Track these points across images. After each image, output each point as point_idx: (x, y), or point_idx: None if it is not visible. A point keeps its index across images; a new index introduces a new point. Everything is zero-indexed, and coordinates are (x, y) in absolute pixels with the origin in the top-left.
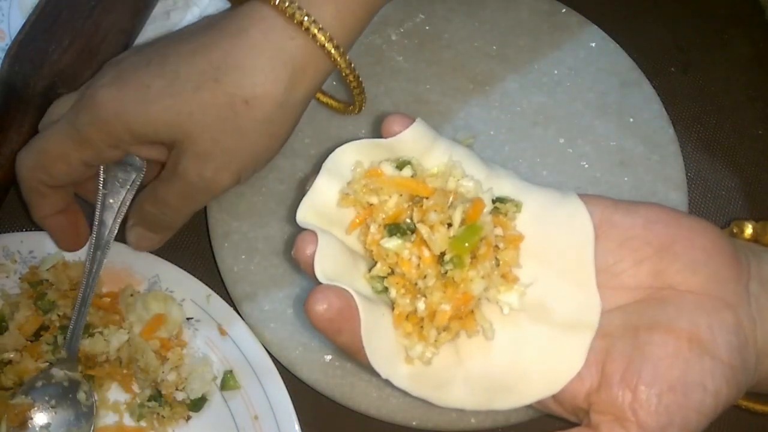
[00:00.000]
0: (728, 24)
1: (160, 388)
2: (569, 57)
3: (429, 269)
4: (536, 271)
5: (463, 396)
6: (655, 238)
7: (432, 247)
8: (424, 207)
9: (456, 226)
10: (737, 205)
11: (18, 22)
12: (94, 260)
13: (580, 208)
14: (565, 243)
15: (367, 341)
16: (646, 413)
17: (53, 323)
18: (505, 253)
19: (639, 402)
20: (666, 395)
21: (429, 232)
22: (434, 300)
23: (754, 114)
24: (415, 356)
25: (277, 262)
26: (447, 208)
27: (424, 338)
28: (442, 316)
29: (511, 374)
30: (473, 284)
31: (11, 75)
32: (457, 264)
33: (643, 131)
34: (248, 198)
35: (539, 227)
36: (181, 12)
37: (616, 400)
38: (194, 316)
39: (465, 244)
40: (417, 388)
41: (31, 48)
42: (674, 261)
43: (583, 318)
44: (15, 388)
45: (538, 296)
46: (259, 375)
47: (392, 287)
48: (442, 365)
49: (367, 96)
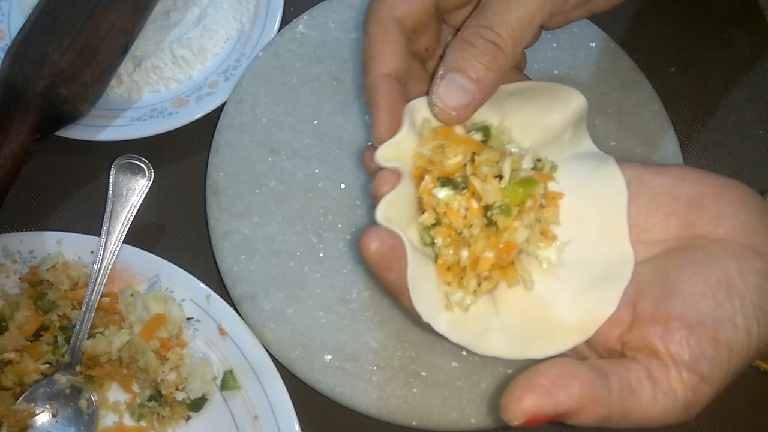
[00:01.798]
0: (728, 24)
1: (160, 388)
2: (569, 57)
3: (475, 219)
4: (573, 230)
5: (500, 344)
6: (683, 193)
7: (484, 197)
8: (476, 162)
9: (506, 179)
10: None
11: (18, 22)
12: (101, 268)
13: (616, 170)
14: (600, 204)
15: (413, 284)
16: (678, 346)
17: (53, 323)
18: (545, 211)
19: (670, 335)
20: (696, 328)
21: (481, 184)
22: (478, 248)
23: (754, 114)
24: (454, 302)
25: (277, 262)
26: (497, 162)
27: (464, 287)
28: (485, 263)
29: (546, 324)
30: (517, 233)
31: (11, 75)
32: (503, 211)
33: (643, 131)
34: (248, 198)
35: (576, 189)
36: (181, 12)
37: (648, 336)
38: (194, 316)
39: (519, 190)
40: (455, 335)
41: (31, 48)
42: (703, 213)
43: (617, 270)
44: (15, 388)
45: (575, 253)
46: (259, 375)
47: (438, 236)
48: (481, 314)
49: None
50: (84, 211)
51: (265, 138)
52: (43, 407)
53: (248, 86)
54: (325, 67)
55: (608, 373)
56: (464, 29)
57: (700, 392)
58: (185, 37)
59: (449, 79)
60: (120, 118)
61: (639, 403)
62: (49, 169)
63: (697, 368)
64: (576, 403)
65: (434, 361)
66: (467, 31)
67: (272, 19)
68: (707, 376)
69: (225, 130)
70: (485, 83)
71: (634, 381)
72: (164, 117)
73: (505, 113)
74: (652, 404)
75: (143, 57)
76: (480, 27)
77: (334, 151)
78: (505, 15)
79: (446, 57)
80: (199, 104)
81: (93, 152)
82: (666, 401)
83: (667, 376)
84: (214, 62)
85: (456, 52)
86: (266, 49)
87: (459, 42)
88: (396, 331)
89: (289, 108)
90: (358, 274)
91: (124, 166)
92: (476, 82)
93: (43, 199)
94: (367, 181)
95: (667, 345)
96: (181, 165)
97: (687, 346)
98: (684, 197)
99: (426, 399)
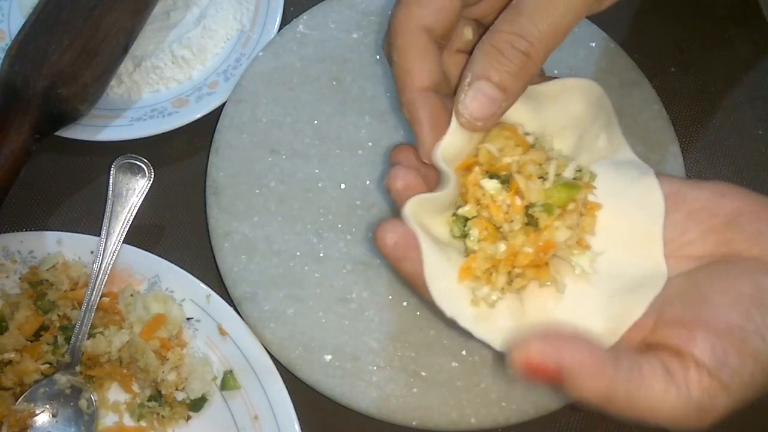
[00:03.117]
0: (728, 24)
1: (160, 388)
2: (569, 57)
3: (517, 215)
4: (607, 241)
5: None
6: (721, 209)
7: (527, 195)
8: (521, 161)
9: (550, 179)
10: None
11: (18, 22)
12: (101, 268)
13: (654, 183)
14: (637, 217)
15: (430, 278)
16: (701, 350)
17: (53, 323)
18: (582, 219)
19: (694, 339)
20: (723, 335)
21: (525, 182)
22: (517, 242)
23: (754, 114)
24: (480, 296)
25: (277, 262)
26: (541, 164)
27: (491, 282)
28: (524, 257)
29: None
30: (558, 232)
31: (11, 75)
32: (546, 209)
33: (643, 131)
34: (248, 198)
35: (613, 200)
36: (181, 12)
37: (672, 338)
38: (194, 316)
39: (563, 193)
40: (480, 331)
41: (31, 48)
42: (740, 231)
43: (648, 283)
44: (15, 388)
45: (607, 264)
46: (259, 375)
47: (475, 228)
48: (507, 312)
49: (368, 95)
50: (84, 211)
51: (265, 138)
52: (43, 407)
53: (248, 86)
54: (325, 67)
55: (621, 355)
56: (494, 34)
57: (718, 400)
58: (185, 37)
59: (477, 89)
60: (120, 118)
61: (647, 390)
62: (49, 169)
63: (719, 374)
64: (578, 365)
65: (434, 361)
66: (497, 37)
67: (272, 19)
68: (728, 384)
69: (225, 130)
70: (512, 92)
71: (646, 368)
72: (164, 117)
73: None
74: (662, 395)
75: (143, 57)
76: (512, 35)
77: (334, 151)
78: (540, 23)
79: (473, 63)
80: (199, 104)
81: (93, 152)
82: (678, 397)
83: (685, 374)
84: (214, 62)
85: (484, 59)
86: (266, 49)
87: (488, 48)
88: (396, 331)
89: (289, 108)
90: (358, 274)
91: (124, 166)
92: (503, 91)
93: (43, 199)
94: (367, 181)
95: (691, 348)
96: (181, 165)
97: (711, 351)
98: (722, 214)
99: (426, 399)
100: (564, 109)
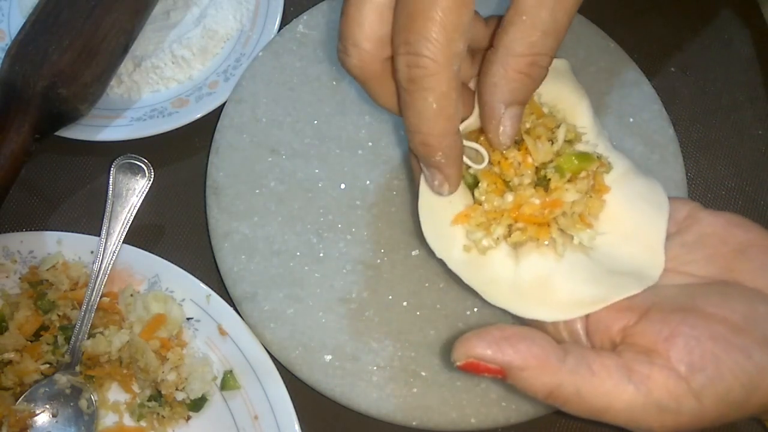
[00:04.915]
0: (728, 24)
1: (160, 388)
2: (569, 57)
3: (528, 170)
4: (609, 226)
5: (510, 297)
6: (733, 239)
7: (534, 156)
8: (532, 124)
9: (559, 143)
10: (737, 205)
11: (18, 22)
12: (101, 269)
13: (659, 186)
14: (643, 208)
15: (424, 216)
16: (678, 351)
17: (53, 323)
18: (590, 200)
19: (674, 338)
20: (704, 342)
21: (534, 142)
22: (526, 194)
23: (754, 114)
24: (473, 240)
25: (277, 262)
26: (553, 128)
27: (489, 232)
28: (529, 207)
29: (563, 291)
30: (567, 194)
31: (11, 75)
32: (557, 170)
33: (643, 131)
34: (248, 198)
35: (620, 189)
36: (181, 12)
37: (652, 334)
38: (194, 316)
39: (575, 161)
40: (469, 277)
41: (31, 48)
42: (746, 261)
43: (644, 271)
44: (15, 388)
45: (606, 246)
46: (259, 375)
47: (484, 180)
48: (497, 262)
49: (367, 95)
50: (84, 211)
51: (265, 138)
52: (43, 407)
53: (248, 86)
54: (325, 67)
55: (570, 350)
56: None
57: (684, 404)
58: (185, 37)
59: (513, 116)
60: (120, 118)
61: (596, 386)
62: (49, 169)
63: (690, 379)
64: (520, 360)
65: (434, 361)
66: (522, 61)
67: (272, 19)
68: (698, 391)
69: (225, 130)
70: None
71: (597, 364)
72: (164, 117)
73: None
74: (613, 392)
75: (143, 57)
76: (537, 56)
77: (334, 151)
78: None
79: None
80: (199, 104)
81: (93, 152)
82: (635, 395)
83: (649, 372)
84: (214, 62)
85: (513, 86)
86: (266, 49)
87: (515, 75)
88: (396, 331)
89: (289, 108)
90: (358, 274)
91: (124, 166)
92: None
93: (43, 199)
94: (367, 181)
95: (668, 347)
96: (181, 165)
97: (688, 355)
98: (732, 243)
99: (426, 399)
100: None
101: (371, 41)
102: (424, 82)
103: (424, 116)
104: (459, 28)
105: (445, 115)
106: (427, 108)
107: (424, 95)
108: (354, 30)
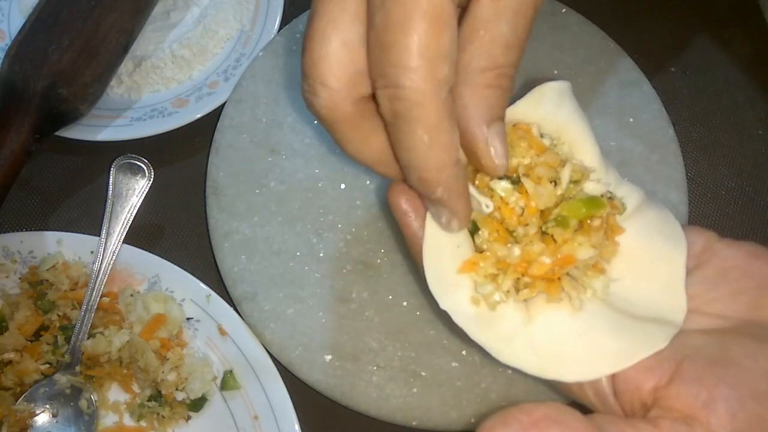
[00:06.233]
0: (728, 24)
1: (160, 388)
2: (569, 57)
3: (533, 218)
4: (624, 267)
5: (527, 357)
6: (757, 271)
7: (536, 201)
8: (532, 163)
9: (563, 185)
10: (737, 205)
11: (18, 22)
12: (101, 269)
13: (672, 218)
14: (658, 247)
15: (428, 262)
16: (720, 416)
17: (53, 323)
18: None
19: (714, 403)
20: (748, 403)
21: (534, 186)
22: (534, 250)
23: (754, 114)
24: (482, 293)
25: (277, 262)
26: (557, 166)
27: (497, 284)
28: (540, 267)
29: (584, 347)
30: (581, 248)
31: (11, 75)
32: (560, 223)
33: (643, 131)
34: (248, 198)
35: (633, 228)
36: (181, 12)
37: (688, 398)
38: (194, 316)
39: (582, 208)
40: (479, 334)
41: (31, 48)
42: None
43: (667, 316)
44: (15, 388)
45: (623, 290)
46: (259, 375)
47: (485, 228)
48: (509, 317)
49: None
50: (84, 211)
51: (265, 138)
52: (43, 407)
53: (248, 86)
54: None
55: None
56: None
57: None
58: (185, 37)
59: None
60: (120, 118)
61: None
62: (49, 169)
63: None
64: None
65: (434, 361)
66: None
67: (272, 19)
68: None
69: (225, 130)
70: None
71: None
72: (164, 117)
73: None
74: None
75: (143, 57)
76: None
77: (334, 151)
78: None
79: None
80: (199, 104)
81: (93, 152)
82: None
83: None
84: (214, 62)
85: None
86: (266, 49)
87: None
88: (396, 331)
89: (289, 108)
90: (358, 274)
91: (124, 166)
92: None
93: (43, 199)
94: (367, 181)
95: (708, 414)
96: (181, 165)
97: (731, 419)
98: (756, 276)
99: (426, 399)
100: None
101: (341, 80)
102: (410, 115)
103: (417, 151)
104: (440, 52)
105: (439, 146)
106: (417, 142)
107: (412, 128)
108: (321, 68)
